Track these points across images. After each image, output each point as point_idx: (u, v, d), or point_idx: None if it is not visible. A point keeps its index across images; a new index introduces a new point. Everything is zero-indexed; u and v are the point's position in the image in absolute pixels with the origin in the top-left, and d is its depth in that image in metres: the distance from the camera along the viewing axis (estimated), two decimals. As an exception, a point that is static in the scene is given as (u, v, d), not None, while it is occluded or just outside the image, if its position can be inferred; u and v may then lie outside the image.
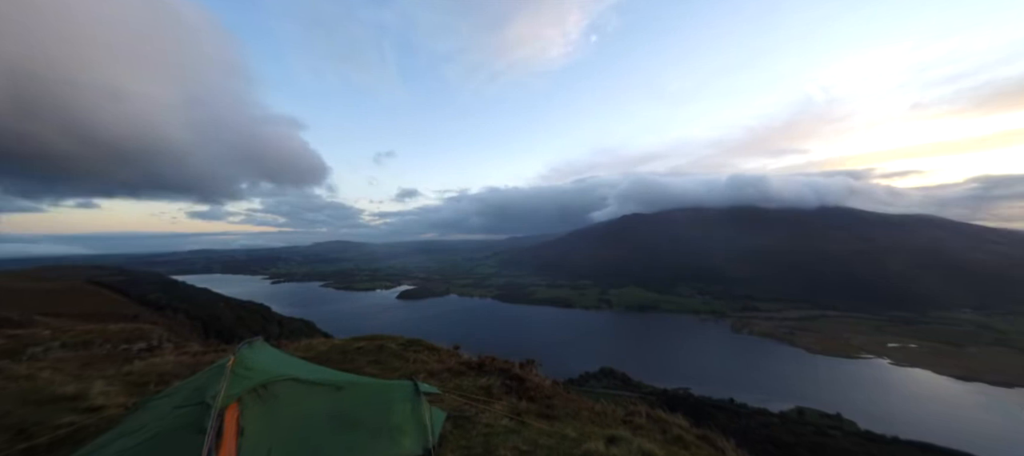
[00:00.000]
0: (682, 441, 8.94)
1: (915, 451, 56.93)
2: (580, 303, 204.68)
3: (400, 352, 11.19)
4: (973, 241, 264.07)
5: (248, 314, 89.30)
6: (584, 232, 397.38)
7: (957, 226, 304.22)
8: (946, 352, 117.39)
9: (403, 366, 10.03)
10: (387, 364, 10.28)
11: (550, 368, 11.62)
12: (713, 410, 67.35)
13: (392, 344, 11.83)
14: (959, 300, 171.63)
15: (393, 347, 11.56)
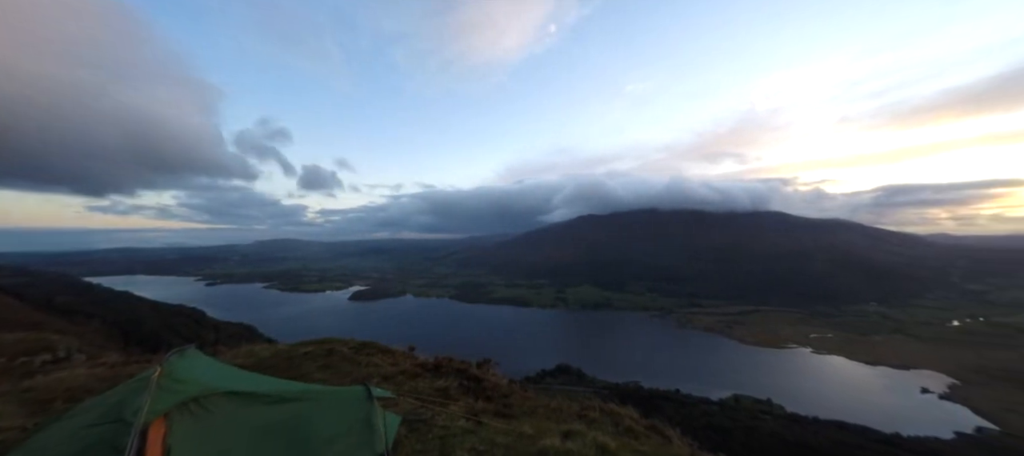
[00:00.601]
0: (633, 432, 9.37)
1: (832, 429, 63.81)
2: (537, 302, 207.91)
3: (352, 356, 10.72)
4: (877, 242, 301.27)
5: (178, 320, 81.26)
6: (541, 232, 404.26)
7: (865, 229, 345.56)
8: (857, 341, 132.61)
9: (355, 371, 9.62)
10: (338, 369, 9.80)
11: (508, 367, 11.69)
12: (661, 401, 71.20)
13: (343, 348, 11.29)
14: (867, 295, 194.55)
15: (344, 351, 11.04)
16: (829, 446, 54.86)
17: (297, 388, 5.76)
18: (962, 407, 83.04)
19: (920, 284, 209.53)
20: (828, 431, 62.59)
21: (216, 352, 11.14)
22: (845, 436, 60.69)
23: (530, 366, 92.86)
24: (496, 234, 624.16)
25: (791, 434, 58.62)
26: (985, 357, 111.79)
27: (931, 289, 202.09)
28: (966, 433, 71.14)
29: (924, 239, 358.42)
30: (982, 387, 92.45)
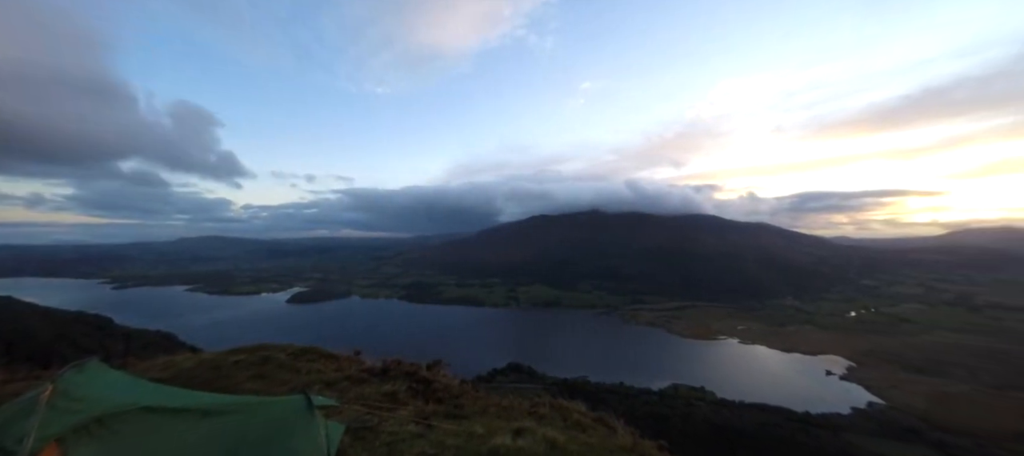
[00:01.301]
0: (581, 425, 9.71)
1: (755, 411, 70.64)
2: (489, 301, 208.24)
3: (290, 363, 10.01)
4: (793, 244, 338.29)
5: (78, 329, 70.76)
6: (493, 232, 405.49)
7: (783, 232, 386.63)
8: (775, 331, 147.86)
9: (294, 379, 8.99)
10: (273, 378, 9.10)
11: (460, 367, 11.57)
12: (607, 394, 74.40)
13: (280, 354, 10.50)
14: (784, 290, 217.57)
15: (281, 358, 10.27)
16: (752, 427, 60.65)
17: (226, 400, 5.22)
18: (857, 386, 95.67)
19: (826, 281, 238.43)
20: (752, 413, 69.19)
21: (126, 365, 9.84)
22: (766, 417, 67.45)
23: (482, 365, 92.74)
24: (447, 233, 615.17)
25: (721, 418, 64.01)
26: (874, 343, 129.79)
27: (834, 285, 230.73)
28: (860, 408, 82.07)
29: (829, 241, 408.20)
30: (872, 368, 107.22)
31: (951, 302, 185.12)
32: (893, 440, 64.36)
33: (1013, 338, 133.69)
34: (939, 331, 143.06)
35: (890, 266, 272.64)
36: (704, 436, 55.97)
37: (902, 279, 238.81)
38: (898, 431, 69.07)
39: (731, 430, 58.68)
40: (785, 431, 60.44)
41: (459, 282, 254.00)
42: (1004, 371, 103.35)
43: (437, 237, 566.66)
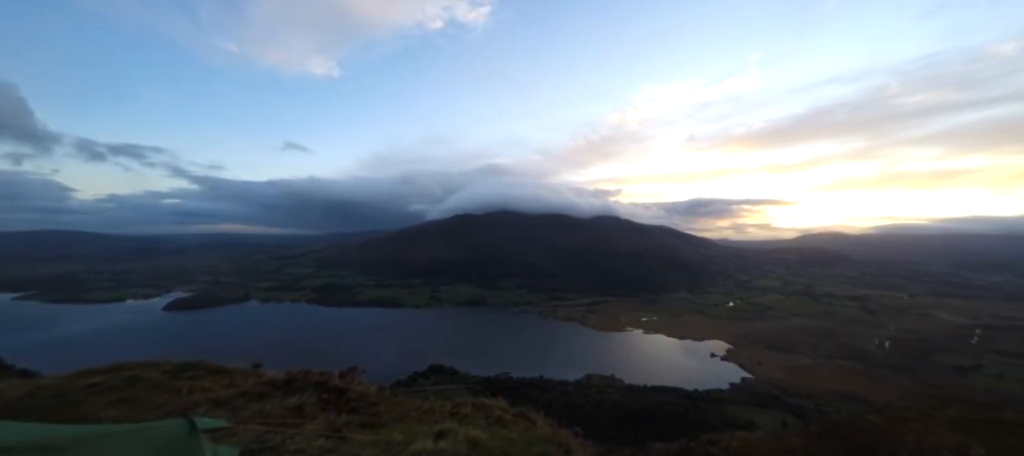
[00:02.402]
0: (503, 421, 9.89)
1: (655, 393, 78.93)
2: (411, 302, 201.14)
3: (167, 382, 8.52)
4: (687, 244, 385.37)
5: None
6: (416, 230, 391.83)
7: (679, 233, 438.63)
8: (672, 321, 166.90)
9: (171, 401, 7.66)
10: (144, 402, 7.65)
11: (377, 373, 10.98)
12: (527, 388, 76.80)
13: (153, 373, 8.86)
14: (679, 285, 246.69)
15: (154, 377, 8.67)
16: (653, 407, 67.64)
17: (77, 432, 4.19)
18: (733, 364, 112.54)
19: (711, 276, 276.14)
20: (653, 395, 77.14)
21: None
22: (664, 397, 75.74)
23: (403, 370, 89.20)
24: (365, 231, 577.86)
25: (628, 402, 70.28)
26: (746, 328, 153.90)
27: (718, 280, 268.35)
28: (735, 382, 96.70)
29: (714, 242, 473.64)
30: (744, 349, 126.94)
31: (799, 293, 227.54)
32: (759, 407, 77.01)
33: (840, 320, 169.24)
34: (792, 317, 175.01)
35: (758, 263, 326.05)
36: (614, 420, 60.94)
37: (766, 274, 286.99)
38: (763, 399, 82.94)
39: (636, 412, 64.81)
40: (679, 408, 68.57)
41: (378, 283, 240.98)
42: (833, 346, 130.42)
43: (354, 235, 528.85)
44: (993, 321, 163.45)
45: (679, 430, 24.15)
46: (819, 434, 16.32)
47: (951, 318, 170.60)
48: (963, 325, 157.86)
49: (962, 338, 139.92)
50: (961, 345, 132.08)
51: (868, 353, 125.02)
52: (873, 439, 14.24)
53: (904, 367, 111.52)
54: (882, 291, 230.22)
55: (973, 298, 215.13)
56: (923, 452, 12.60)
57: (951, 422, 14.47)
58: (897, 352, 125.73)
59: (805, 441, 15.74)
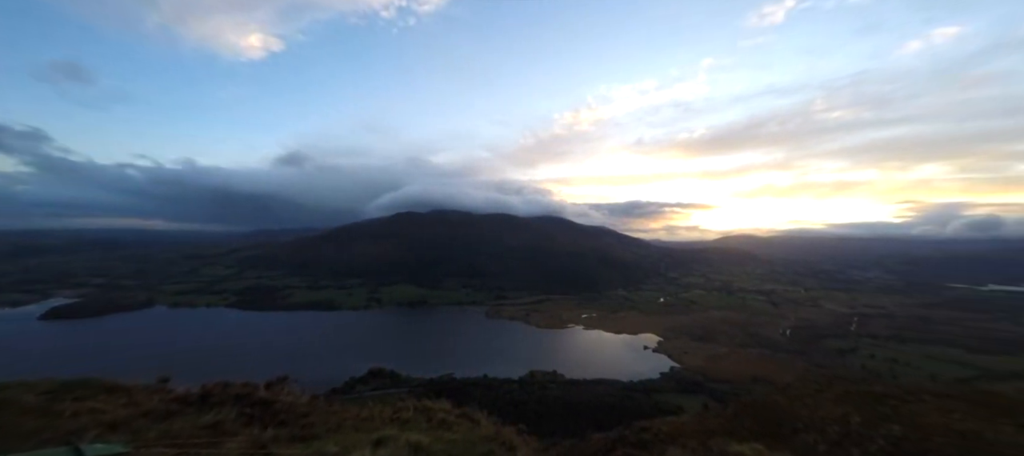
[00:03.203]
0: (446, 423, 9.73)
1: (594, 385, 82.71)
2: (348, 304, 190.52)
3: (44, 406, 7.19)
4: (624, 244, 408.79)
5: None
6: (354, 228, 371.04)
7: (616, 234, 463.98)
8: (610, 317, 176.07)
9: (50, 426, 6.47)
10: (13, 431, 6.38)
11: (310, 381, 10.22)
12: (472, 388, 76.47)
13: (26, 395, 7.42)
14: (617, 283, 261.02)
15: (28, 400, 7.27)
16: (592, 399, 70.81)
17: None
18: (664, 355, 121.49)
19: (645, 274, 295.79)
20: (592, 388, 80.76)
21: None
22: (602, 389, 79.63)
23: (339, 376, 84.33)
24: (297, 229, 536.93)
25: (569, 396, 72.84)
26: (675, 321, 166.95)
27: (650, 278, 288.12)
28: (665, 372, 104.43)
29: (648, 242, 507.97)
30: (673, 341, 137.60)
31: (719, 289, 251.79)
32: (686, 393, 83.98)
33: (751, 312, 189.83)
34: (712, 310, 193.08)
35: (685, 263, 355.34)
36: (557, 413, 62.82)
37: (692, 272, 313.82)
38: (688, 386, 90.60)
39: (577, 405, 67.40)
40: (616, 398, 72.52)
41: (311, 284, 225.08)
42: (746, 335, 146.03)
43: (284, 233, 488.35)
44: (866, 310, 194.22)
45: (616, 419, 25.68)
46: (734, 414, 18.23)
47: (836, 308, 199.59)
48: (845, 314, 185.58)
49: (844, 325, 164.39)
50: (843, 331, 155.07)
51: (773, 340, 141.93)
52: (777, 415, 16.26)
53: (800, 351, 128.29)
54: (785, 286, 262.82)
55: (853, 290, 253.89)
56: (815, 423, 14.65)
57: (836, 397, 16.97)
58: (795, 339, 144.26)
59: (723, 421, 17.49)
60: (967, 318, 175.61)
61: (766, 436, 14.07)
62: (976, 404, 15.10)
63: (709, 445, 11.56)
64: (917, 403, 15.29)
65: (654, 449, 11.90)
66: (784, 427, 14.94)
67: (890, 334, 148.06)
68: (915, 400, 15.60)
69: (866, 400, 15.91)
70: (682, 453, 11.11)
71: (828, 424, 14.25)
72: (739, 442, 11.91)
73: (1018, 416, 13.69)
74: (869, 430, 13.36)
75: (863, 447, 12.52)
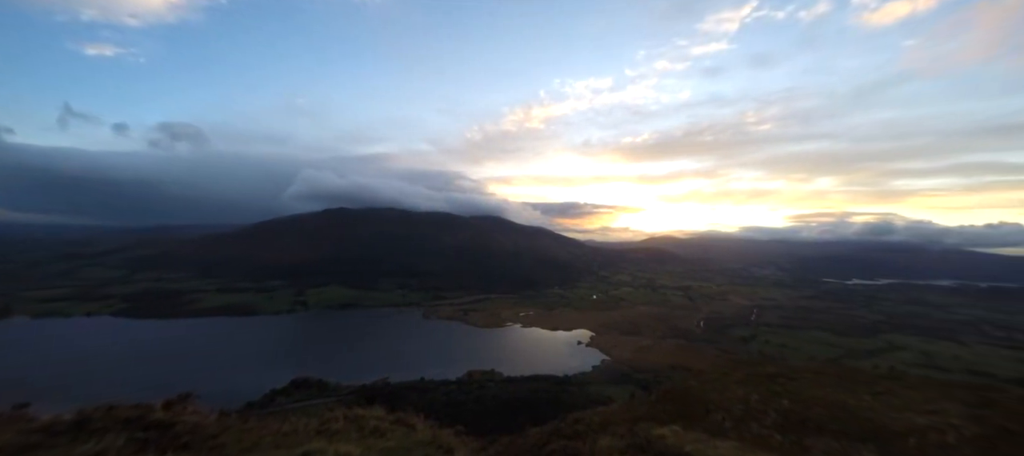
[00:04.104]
0: (379, 431, 9.30)
1: (531, 381, 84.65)
2: (268, 308, 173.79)
3: None
4: (560, 244, 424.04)
5: None
6: (277, 224, 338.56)
7: (553, 234, 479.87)
8: (546, 314, 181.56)
9: None
10: None
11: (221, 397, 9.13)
12: (407, 392, 74.07)
13: None
14: (553, 281, 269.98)
15: None
16: (529, 395, 72.43)
17: None
18: (595, 349, 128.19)
19: (579, 272, 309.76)
20: (529, 384, 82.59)
21: None
22: (539, 385, 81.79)
23: (257, 388, 76.66)
24: (203, 224, 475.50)
25: (507, 393, 73.73)
26: (606, 317, 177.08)
27: (584, 276, 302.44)
28: (597, 365, 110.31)
29: (582, 242, 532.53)
30: (604, 336, 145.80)
31: (644, 286, 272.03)
32: (615, 384, 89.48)
33: (672, 306, 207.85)
34: (639, 305, 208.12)
35: (616, 262, 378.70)
36: (495, 411, 63.16)
37: (621, 271, 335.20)
38: (618, 377, 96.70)
39: (515, 401, 68.43)
40: (551, 393, 74.93)
41: (223, 287, 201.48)
42: (667, 328, 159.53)
43: (188, 229, 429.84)
44: (763, 303, 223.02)
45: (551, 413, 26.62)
46: (656, 401, 19.84)
47: (740, 301, 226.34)
48: (747, 306, 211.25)
49: (746, 316, 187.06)
50: (745, 321, 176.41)
51: (690, 331, 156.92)
52: (692, 399, 18.03)
53: (712, 340, 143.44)
54: (700, 283, 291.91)
55: (753, 285, 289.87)
56: (723, 404, 16.50)
57: (739, 379, 19.26)
58: (708, 329, 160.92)
59: (647, 408, 18.94)
60: (837, 307, 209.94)
61: (683, 418, 15.51)
62: (842, 378, 18.09)
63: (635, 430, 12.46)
64: (800, 380, 17.91)
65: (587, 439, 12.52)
66: (698, 409, 16.59)
67: (781, 322, 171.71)
68: (798, 377, 18.26)
69: (762, 380, 18.25)
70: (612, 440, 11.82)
71: (733, 404, 16.10)
72: (661, 425, 12.99)
73: (872, 386, 16.66)
74: (764, 406, 15.36)
75: (760, 421, 14.37)
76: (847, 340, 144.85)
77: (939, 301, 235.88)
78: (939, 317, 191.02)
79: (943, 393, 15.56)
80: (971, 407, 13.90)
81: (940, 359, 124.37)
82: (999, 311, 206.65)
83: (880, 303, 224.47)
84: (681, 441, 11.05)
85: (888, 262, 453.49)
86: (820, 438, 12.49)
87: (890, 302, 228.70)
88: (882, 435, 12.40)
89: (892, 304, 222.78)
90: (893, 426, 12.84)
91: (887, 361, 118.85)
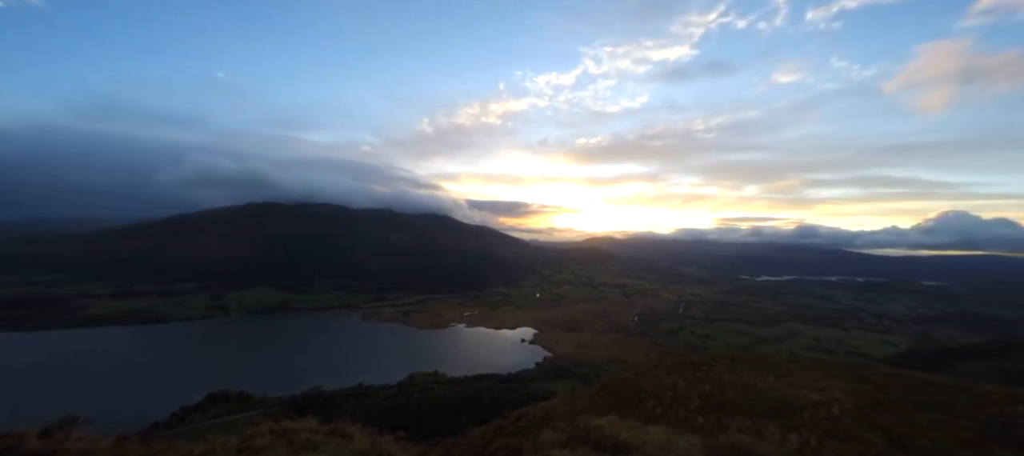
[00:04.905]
0: (311, 443, 8.67)
1: (475, 381, 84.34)
2: (178, 314, 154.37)
3: None
4: (505, 243, 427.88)
5: None
6: (188, 220, 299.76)
7: (498, 233, 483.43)
8: (491, 314, 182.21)
9: None
10: None
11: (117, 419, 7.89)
12: (343, 399, 70.11)
13: None
14: (498, 280, 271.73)
15: None
16: (473, 395, 72.11)
17: None
18: (538, 346, 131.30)
19: (522, 271, 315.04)
20: (473, 384, 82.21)
21: None
22: (483, 384, 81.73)
23: (163, 407, 67.77)
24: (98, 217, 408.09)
25: (451, 395, 72.72)
26: (548, 314, 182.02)
27: (528, 275, 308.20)
28: (540, 361, 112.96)
29: (527, 242, 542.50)
30: (547, 333, 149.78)
31: (585, 283, 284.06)
32: (557, 379, 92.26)
33: (609, 303, 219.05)
34: (580, 302, 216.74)
35: (559, 261, 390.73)
36: (438, 414, 62.00)
37: (564, 269, 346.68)
38: (559, 372, 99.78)
39: (459, 402, 67.69)
40: (496, 391, 75.26)
41: (119, 291, 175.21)
42: (605, 323, 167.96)
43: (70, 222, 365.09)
44: (689, 298, 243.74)
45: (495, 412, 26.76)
46: (596, 392, 20.81)
47: (670, 297, 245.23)
48: (675, 302, 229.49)
49: (674, 310, 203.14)
50: (673, 315, 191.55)
51: (625, 326, 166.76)
52: (628, 389, 19.18)
53: (645, 333, 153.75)
54: (635, 280, 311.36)
55: (681, 283, 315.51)
56: (654, 392, 17.76)
57: (668, 369, 20.87)
58: (642, 323, 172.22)
59: (587, 400, 19.78)
60: (749, 300, 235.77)
61: (619, 408, 16.44)
62: (753, 363, 20.36)
63: (576, 423, 12.94)
64: (719, 367, 19.83)
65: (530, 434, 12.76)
66: (632, 398, 17.68)
67: (704, 315, 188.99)
68: (717, 365, 20.21)
69: (688, 369, 19.94)
70: (553, 434, 12.17)
71: (663, 391, 17.39)
72: (599, 416, 13.64)
73: (776, 369, 18.94)
74: (690, 392, 16.79)
75: (685, 406, 15.67)
76: (757, 329, 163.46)
77: (827, 294, 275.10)
78: (827, 307, 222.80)
79: (829, 372, 18.16)
80: (850, 382, 16.38)
81: (827, 343, 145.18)
82: (872, 302, 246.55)
83: (783, 296, 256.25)
84: (617, 430, 11.69)
85: (791, 261, 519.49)
86: (735, 417, 13.94)
87: (790, 295, 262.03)
88: (784, 411, 14.16)
89: (792, 297, 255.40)
90: (793, 403, 14.72)
91: (788, 346, 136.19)
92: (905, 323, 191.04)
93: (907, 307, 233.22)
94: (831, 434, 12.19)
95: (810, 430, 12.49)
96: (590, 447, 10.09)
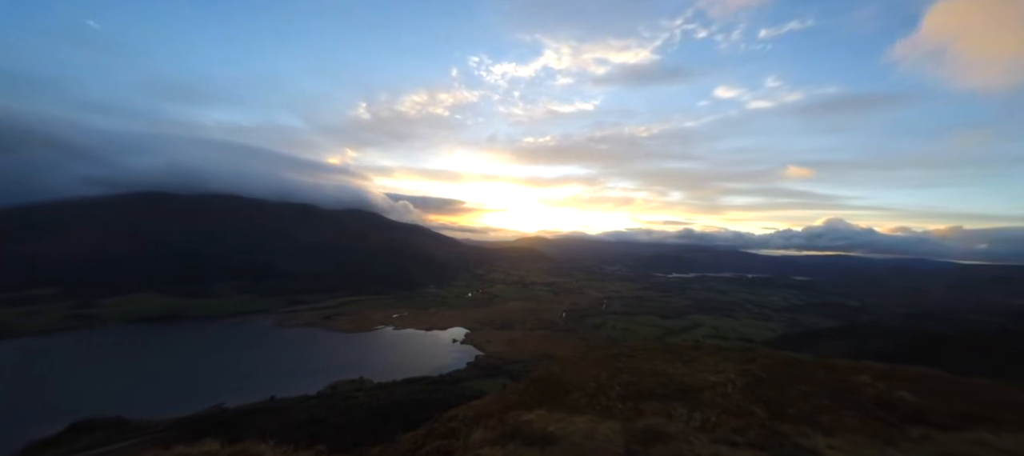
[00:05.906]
0: (212, 468, 7.70)
1: (406, 385, 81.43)
2: (28, 327, 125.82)
3: None
4: (437, 242, 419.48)
5: None
6: (38, 211, 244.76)
7: (430, 232, 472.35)
8: (422, 314, 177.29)
9: None
10: None
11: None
12: (252, 416, 63.10)
13: None
14: (429, 280, 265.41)
15: None
16: (403, 399, 69.57)
17: None
18: (470, 346, 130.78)
19: (455, 271, 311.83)
20: (402, 388, 79.36)
21: None
22: (412, 387, 79.30)
23: (5, 444, 54.89)
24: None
25: (377, 400, 69.33)
26: (480, 313, 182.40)
27: (460, 274, 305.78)
28: (471, 361, 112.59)
29: (459, 241, 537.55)
30: (479, 332, 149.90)
31: (516, 282, 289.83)
32: (488, 377, 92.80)
33: (539, 301, 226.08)
34: (511, 301, 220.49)
35: (491, 260, 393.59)
36: (363, 423, 58.59)
37: (496, 268, 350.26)
38: (491, 370, 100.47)
39: (386, 408, 64.75)
40: (426, 395, 73.45)
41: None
42: (535, 320, 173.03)
43: None
44: (612, 294, 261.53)
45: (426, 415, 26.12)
46: (525, 387, 21.37)
47: (594, 294, 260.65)
48: (598, 298, 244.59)
49: (598, 306, 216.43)
50: (598, 311, 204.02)
51: (554, 322, 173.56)
52: (555, 383, 20.02)
53: (572, 329, 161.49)
54: (563, 278, 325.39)
55: (604, 280, 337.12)
56: (580, 384, 18.80)
57: (593, 361, 22.23)
58: (569, 319, 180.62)
59: (517, 396, 20.23)
60: (661, 296, 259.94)
61: (548, 401, 17.08)
62: (664, 352, 22.53)
63: (506, 419, 13.16)
64: (636, 357, 21.61)
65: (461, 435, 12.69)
66: (560, 391, 18.49)
67: (624, 310, 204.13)
68: (635, 355, 22.01)
69: (609, 360, 21.41)
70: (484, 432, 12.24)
71: (587, 383, 18.46)
72: (529, 411, 14.03)
73: (683, 356, 21.17)
74: (611, 381, 18.04)
75: (607, 395, 16.82)
76: (668, 321, 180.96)
77: (723, 288, 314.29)
78: (723, 300, 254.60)
79: (725, 357, 20.79)
80: (740, 364, 18.90)
81: (724, 331, 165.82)
82: (758, 294, 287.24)
83: (689, 291, 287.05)
84: (546, 422, 12.15)
85: (697, 260, 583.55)
86: (650, 402, 15.32)
87: (695, 290, 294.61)
88: (690, 393, 15.90)
89: (696, 292, 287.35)
90: (697, 385, 16.59)
91: (693, 335, 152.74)
92: (781, 311, 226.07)
93: (782, 298, 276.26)
94: (726, 410, 14.00)
95: (710, 408, 14.21)
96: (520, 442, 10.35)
